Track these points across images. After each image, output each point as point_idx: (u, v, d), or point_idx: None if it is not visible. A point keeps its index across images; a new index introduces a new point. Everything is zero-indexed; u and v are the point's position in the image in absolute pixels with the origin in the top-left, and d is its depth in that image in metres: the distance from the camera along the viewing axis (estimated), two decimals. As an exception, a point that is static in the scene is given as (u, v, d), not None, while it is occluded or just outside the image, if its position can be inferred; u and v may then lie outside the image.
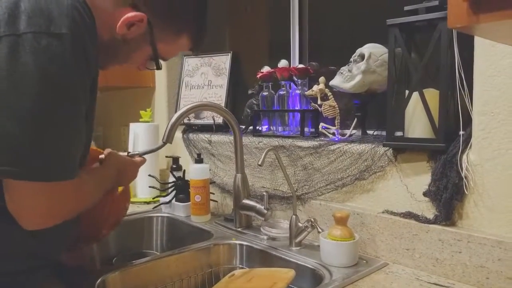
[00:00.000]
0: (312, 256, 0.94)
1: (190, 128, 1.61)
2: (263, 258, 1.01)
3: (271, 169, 1.22)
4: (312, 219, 0.96)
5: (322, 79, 1.15)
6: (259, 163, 0.92)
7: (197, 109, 1.09)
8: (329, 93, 1.14)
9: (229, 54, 1.59)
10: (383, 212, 0.93)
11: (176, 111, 1.65)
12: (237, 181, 1.16)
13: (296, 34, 1.36)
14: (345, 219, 0.90)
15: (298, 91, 1.25)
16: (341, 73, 1.04)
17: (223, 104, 1.54)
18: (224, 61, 1.61)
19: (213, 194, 1.38)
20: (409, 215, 0.88)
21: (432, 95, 0.86)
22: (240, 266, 1.06)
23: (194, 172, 1.27)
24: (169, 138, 1.01)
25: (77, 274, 0.89)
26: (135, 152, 1.01)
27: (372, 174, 0.96)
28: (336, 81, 1.05)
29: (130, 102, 1.94)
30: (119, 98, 2.04)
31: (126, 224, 1.34)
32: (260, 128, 1.36)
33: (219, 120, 1.56)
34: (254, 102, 1.38)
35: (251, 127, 1.39)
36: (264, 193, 1.06)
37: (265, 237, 1.07)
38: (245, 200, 1.14)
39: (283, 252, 0.98)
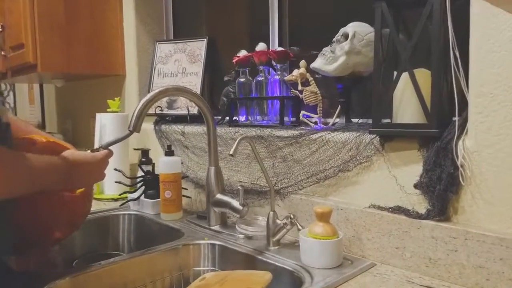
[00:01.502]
0: (292, 256, 0.84)
1: (162, 119, 1.49)
2: (238, 259, 0.91)
3: (248, 162, 1.11)
4: (291, 215, 0.87)
5: (303, 62, 1.06)
6: (231, 152, 0.82)
7: (167, 94, 0.98)
8: (311, 78, 1.05)
9: (205, 39, 1.48)
10: (369, 207, 0.84)
11: (147, 101, 1.53)
12: (210, 175, 1.05)
13: (276, 16, 1.26)
14: (327, 215, 0.80)
15: (277, 77, 1.14)
16: (323, 54, 0.94)
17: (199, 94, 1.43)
18: (199, 47, 1.49)
19: (186, 189, 1.27)
20: (398, 209, 0.79)
21: (423, 76, 0.77)
22: (213, 268, 0.95)
23: (164, 165, 1.16)
24: (136, 127, 0.90)
25: (21, 281, 0.77)
26: (97, 147, 0.89)
27: (357, 165, 0.87)
28: (317, 63, 0.95)
29: (100, 92, 1.81)
30: (88, 88, 1.91)
31: (90, 223, 1.22)
32: (237, 119, 1.25)
33: (194, 110, 1.45)
34: (231, 89, 1.27)
35: (228, 118, 1.28)
36: (240, 188, 0.96)
37: (241, 236, 0.97)
38: (219, 195, 1.04)
39: (260, 252, 0.88)
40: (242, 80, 1.22)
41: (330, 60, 0.93)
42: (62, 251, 1.12)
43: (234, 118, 1.24)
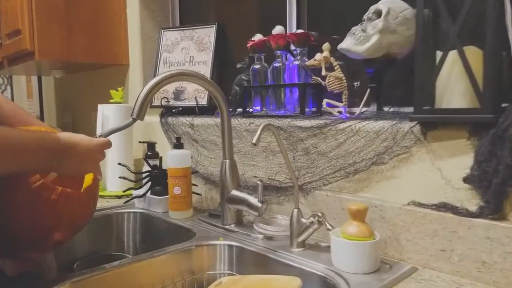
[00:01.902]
0: (320, 259, 0.75)
1: (169, 111, 1.40)
2: (257, 262, 0.81)
3: (265, 155, 1.02)
4: (319, 214, 0.77)
5: (326, 45, 0.96)
6: (254, 141, 0.72)
7: (174, 78, 0.88)
8: (335, 63, 0.95)
9: (214, 26, 1.38)
10: (408, 204, 0.74)
11: (152, 92, 1.44)
12: (224, 169, 0.96)
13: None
14: (362, 213, 0.71)
15: (296, 62, 1.05)
16: (353, 34, 0.85)
17: (207, 83, 1.34)
18: (208, 34, 1.40)
19: (196, 186, 1.17)
20: (444, 207, 0.70)
21: (474, 54, 0.67)
22: (229, 272, 0.86)
23: (172, 159, 1.06)
24: (140, 114, 0.81)
25: (14, 287, 0.67)
26: (97, 135, 0.80)
27: (393, 157, 0.77)
28: (346, 44, 0.86)
29: (101, 83, 1.71)
30: (89, 79, 1.81)
31: (92, 222, 1.11)
32: (251, 110, 1.15)
33: (203, 101, 1.35)
34: (244, 78, 1.18)
35: (240, 109, 1.19)
36: (258, 183, 0.86)
37: (260, 236, 0.88)
38: (235, 191, 0.95)
39: (283, 254, 0.79)
40: (257, 66, 1.13)
41: (361, 40, 0.83)
42: (61, 253, 1.03)
43: (248, 109, 1.14)
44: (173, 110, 1.39)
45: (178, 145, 1.08)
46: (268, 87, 1.09)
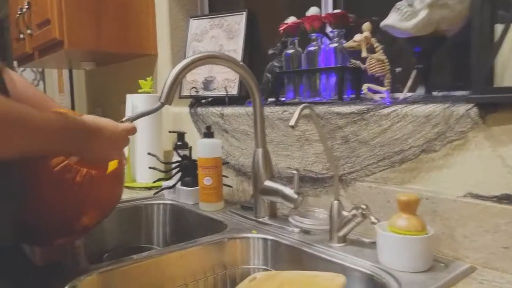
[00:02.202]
0: (365, 256, 0.68)
1: (198, 102, 1.36)
2: (294, 257, 0.76)
3: (299, 145, 0.96)
4: (362, 206, 0.71)
5: (367, 25, 0.89)
6: (291, 123, 0.66)
7: (203, 61, 0.84)
8: (377, 44, 0.88)
9: (244, 12, 1.33)
10: (465, 196, 0.67)
11: (182, 81, 1.41)
12: (257, 158, 0.90)
13: (329, -22, 1.10)
14: (413, 205, 0.64)
15: (333, 45, 0.98)
16: (398, 9, 0.77)
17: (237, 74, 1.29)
18: (238, 21, 1.35)
19: (227, 177, 1.13)
20: (507, 199, 0.62)
21: (544, 26, 0.59)
22: (264, 267, 0.81)
23: (202, 148, 1.02)
24: (168, 98, 0.77)
25: (42, 276, 0.65)
26: (124, 118, 0.76)
27: (446, 144, 0.70)
28: (391, 20, 0.78)
29: (130, 75, 1.69)
30: (117, 71, 1.80)
31: (121, 213, 1.10)
32: (284, 99, 1.09)
33: (233, 91, 1.30)
34: (276, 64, 1.12)
35: (271, 99, 1.13)
36: (294, 172, 0.81)
37: (296, 229, 0.82)
38: (268, 182, 0.89)
39: (323, 249, 0.73)
40: (290, 51, 1.07)
41: (407, 16, 0.76)
42: (91, 244, 1.01)
43: (280, 97, 1.09)
44: (202, 101, 1.35)
45: (208, 133, 1.04)
46: (303, 73, 1.03)
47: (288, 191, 0.83)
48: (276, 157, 1.01)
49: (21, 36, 1.57)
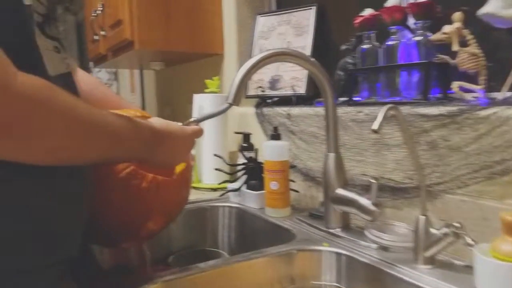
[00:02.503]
0: (458, 282, 0.59)
1: (264, 102, 1.32)
2: (372, 276, 0.68)
3: (376, 149, 0.87)
4: (456, 224, 0.61)
5: (458, 15, 0.78)
6: (375, 127, 0.59)
7: (272, 59, 0.78)
8: (470, 36, 0.77)
9: (314, 7, 1.26)
10: None
11: (249, 82, 1.37)
12: (328, 163, 0.83)
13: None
14: (524, 228, 0.53)
15: (416, 39, 0.88)
16: (502, -6, 0.66)
17: (306, 71, 1.22)
18: (307, 17, 1.28)
19: (294, 182, 1.07)
20: None
21: None
22: (336, 285, 0.74)
23: (269, 151, 0.97)
24: (235, 98, 0.72)
25: (107, 281, 0.64)
26: (191, 119, 0.73)
27: None
28: (491, 7, 0.67)
29: (197, 75, 1.70)
30: (185, 72, 1.82)
31: (188, 214, 1.09)
32: (358, 99, 1.01)
33: (300, 90, 1.24)
34: (349, 61, 1.03)
35: (342, 98, 1.05)
36: (372, 181, 0.73)
37: (373, 245, 0.74)
38: (341, 190, 0.82)
39: (406, 271, 0.64)
40: (366, 46, 0.98)
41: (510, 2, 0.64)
42: (157, 246, 1.01)
43: (353, 97, 1.00)
44: (268, 101, 1.30)
45: (275, 135, 0.99)
46: (380, 69, 0.94)
47: (365, 201, 0.75)
48: (348, 162, 0.93)
49: (96, 37, 1.63)
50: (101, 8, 1.54)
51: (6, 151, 0.39)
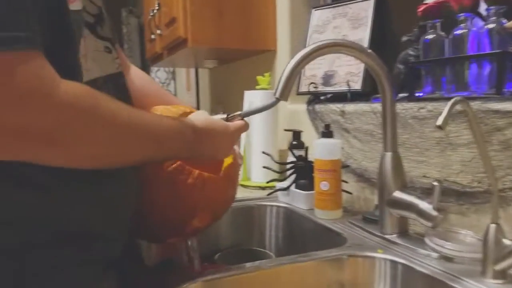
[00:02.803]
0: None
1: (317, 98, 1.26)
2: (429, 287, 0.61)
3: (440, 149, 0.79)
4: (536, 236, 0.52)
5: (543, -3, 0.68)
6: (439, 123, 0.52)
7: (324, 50, 0.74)
8: (556, 21, 0.66)
9: (373, -2, 1.19)
10: None
11: (300, 76, 1.33)
12: (386, 163, 0.77)
13: None
14: None
15: (488, 26, 0.78)
16: None
17: (362, 66, 1.15)
18: (365, 8, 1.21)
19: (346, 182, 1.01)
20: None
21: None
22: (391, 296, 0.68)
23: (320, 149, 0.92)
24: (284, 93, 0.68)
25: (147, 279, 0.63)
26: (236, 113, 0.71)
27: None
28: None
29: (249, 73, 1.68)
30: (237, 69, 1.81)
31: (235, 212, 1.07)
32: (420, 95, 0.92)
33: (356, 86, 1.17)
34: (411, 53, 0.95)
35: (402, 94, 0.97)
36: (435, 184, 0.65)
37: (434, 254, 0.66)
38: (399, 193, 0.75)
39: (472, 285, 0.56)
40: (430, 37, 0.89)
41: None
42: (204, 243, 1.00)
43: (415, 94, 0.92)
44: (321, 97, 1.25)
45: (327, 133, 0.93)
46: (446, 61, 0.85)
47: (425, 206, 0.68)
48: (407, 163, 0.85)
49: (153, 36, 1.67)
50: (158, 7, 1.57)
51: (49, 158, 0.40)
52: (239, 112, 0.70)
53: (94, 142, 0.42)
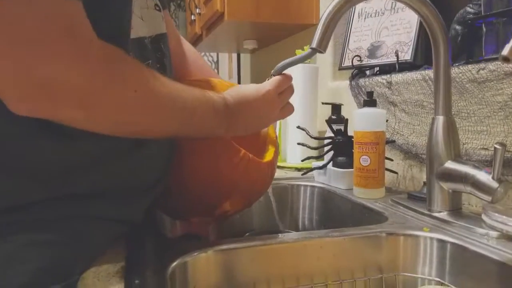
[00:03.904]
0: None
1: (361, 73, 1.15)
2: (489, 272, 0.50)
3: (503, 116, 0.67)
4: None
5: None
6: (505, 52, 0.41)
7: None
8: None
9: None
10: None
11: (344, 49, 1.22)
12: (437, 129, 0.66)
13: None
14: None
15: None
16: None
17: (413, 34, 1.03)
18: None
19: (391, 160, 0.90)
20: None
21: None
22: (438, 280, 0.56)
23: (361, 119, 0.82)
24: (321, 43, 0.61)
25: (156, 247, 0.57)
26: (272, 71, 0.65)
27: None
28: None
29: (290, 53, 1.59)
30: (278, 50, 1.74)
31: (267, 192, 1.00)
32: (480, 58, 0.79)
33: (406, 55, 1.05)
34: (470, 10, 0.82)
35: (459, 61, 0.84)
36: (498, 147, 0.54)
37: (493, 233, 0.55)
38: (451, 162, 0.64)
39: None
40: (494, -12, 0.76)
41: None
42: (235, 221, 0.94)
43: (474, 57, 0.79)
44: (366, 71, 1.14)
45: (370, 101, 0.83)
46: (514, 14, 0.72)
47: (484, 176, 0.57)
48: (463, 133, 0.73)
49: (193, 17, 1.64)
50: (198, -13, 1.54)
51: (74, 121, 0.39)
52: (271, 73, 0.64)
53: (122, 109, 0.41)
